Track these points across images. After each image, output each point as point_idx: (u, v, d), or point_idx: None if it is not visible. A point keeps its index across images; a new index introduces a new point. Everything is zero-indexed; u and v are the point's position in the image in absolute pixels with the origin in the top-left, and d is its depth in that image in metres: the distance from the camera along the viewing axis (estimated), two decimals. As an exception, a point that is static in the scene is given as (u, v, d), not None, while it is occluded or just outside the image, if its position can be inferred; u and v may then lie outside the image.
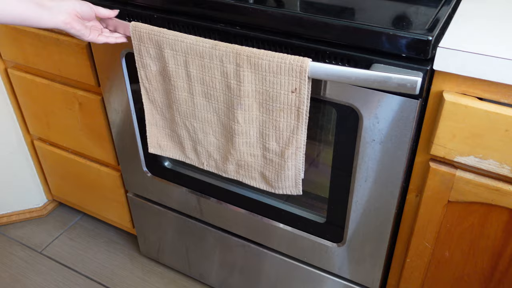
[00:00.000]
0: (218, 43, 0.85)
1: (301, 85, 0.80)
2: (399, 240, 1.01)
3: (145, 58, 0.95)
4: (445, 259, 0.95)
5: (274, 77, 0.82)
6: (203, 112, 0.96)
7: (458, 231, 0.90)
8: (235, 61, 0.84)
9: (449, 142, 0.79)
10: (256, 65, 0.82)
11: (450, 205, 0.87)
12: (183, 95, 0.96)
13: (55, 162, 1.56)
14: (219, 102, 0.92)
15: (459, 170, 0.82)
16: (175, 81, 0.94)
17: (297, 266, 1.18)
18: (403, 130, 0.82)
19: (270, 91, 0.84)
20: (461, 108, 0.75)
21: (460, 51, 0.70)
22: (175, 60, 0.91)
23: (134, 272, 1.54)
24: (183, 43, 0.88)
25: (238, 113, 0.90)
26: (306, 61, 0.78)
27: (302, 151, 0.89)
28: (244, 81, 0.85)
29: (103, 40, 0.93)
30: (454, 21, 0.79)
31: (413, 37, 0.71)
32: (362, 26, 0.75)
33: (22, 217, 1.74)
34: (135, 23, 0.93)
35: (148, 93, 1.01)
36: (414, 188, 0.91)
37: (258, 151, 0.94)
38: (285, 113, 0.85)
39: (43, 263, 1.58)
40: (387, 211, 0.94)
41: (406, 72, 0.74)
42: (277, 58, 0.80)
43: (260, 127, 0.90)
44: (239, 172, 1.00)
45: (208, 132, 0.99)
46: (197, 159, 1.06)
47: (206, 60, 0.88)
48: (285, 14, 0.81)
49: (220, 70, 0.87)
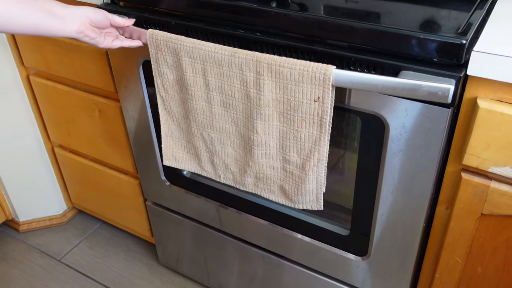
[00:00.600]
0: (237, 51, 0.83)
1: (324, 93, 0.77)
2: (427, 254, 0.96)
3: (162, 66, 0.93)
4: (477, 276, 0.90)
5: (296, 86, 0.79)
6: (221, 122, 0.94)
7: (491, 246, 0.85)
8: (255, 69, 0.81)
9: (483, 151, 0.75)
10: (277, 73, 0.79)
11: (483, 218, 0.82)
12: (200, 105, 0.93)
13: (75, 169, 1.56)
14: (238, 111, 0.90)
15: (494, 181, 0.78)
16: (193, 90, 0.92)
17: (319, 278, 1.14)
18: (433, 140, 0.78)
19: (292, 100, 0.81)
20: (497, 115, 0.71)
21: (496, 55, 0.66)
22: (193, 68, 0.89)
23: (152, 282, 1.52)
24: (201, 51, 0.86)
25: (258, 123, 0.87)
26: (330, 68, 0.75)
27: (324, 163, 0.86)
28: (265, 89, 0.82)
29: (118, 44, 0.91)
30: (489, 24, 0.75)
31: (445, 40, 0.68)
32: (391, 29, 0.72)
33: (42, 224, 1.74)
34: (152, 31, 0.91)
35: (164, 102, 0.99)
36: (445, 200, 0.87)
37: (278, 163, 0.91)
38: (307, 123, 0.82)
39: (62, 271, 1.58)
40: (415, 225, 0.89)
41: (437, 79, 0.69)
42: (299, 66, 0.77)
43: (280, 138, 0.87)
44: (258, 185, 0.97)
45: (226, 143, 0.96)
46: (213, 171, 1.03)
47: (225, 68, 0.85)
48: (309, 18, 0.78)
49: (240, 78, 0.84)
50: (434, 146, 0.79)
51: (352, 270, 1.05)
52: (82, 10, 0.83)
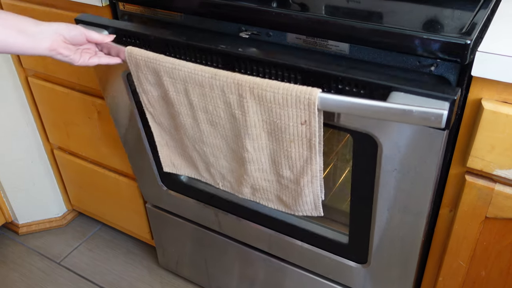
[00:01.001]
0: (217, 73, 0.78)
1: (311, 117, 0.73)
2: (430, 258, 0.95)
3: (144, 84, 0.89)
4: (481, 279, 0.89)
5: (280, 109, 0.75)
6: (210, 138, 0.90)
7: (496, 250, 0.84)
8: (237, 92, 0.78)
9: (487, 154, 0.74)
10: (260, 96, 0.75)
11: (488, 222, 0.81)
12: (188, 121, 0.90)
13: (75, 171, 1.55)
14: (225, 129, 0.86)
15: (498, 184, 0.76)
16: (178, 108, 0.88)
17: (321, 282, 1.13)
18: (428, 160, 0.75)
19: (278, 122, 0.77)
20: (502, 117, 0.69)
21: (501, 56, 0.65)
22: (175, 88, 0.85)
23: (152, 285, 1.51)
24: (181, 72, 0.82)
25: (247, 142, 0.84)
26: (314, 92, 0.70)
27: (318, 179, 0.83)
28: (249, 111, 0.79)
29: (96, 61, 0.87)
30: (493, 24, 0.74)
31: (449, 41, 0.66)
32: (393, 29, 0.70)
33: (41, 226, 1.73)
34: (130, 49, 0.86)
35: (154, 117, 0.96)
36: (448, 203, 0.85)
37: (273, 177, 0.89)
38: (296, 144, 0.79)
39: (61, 274, 1.56)
40: (414, 239, 0.88)
41: (430, 103, 0.64)
42: (282, 90, 0.73)
43: (272, 155, 0.84)
44: (255, 194, 0.95)
45: (218, 156, 0.93)
46: (212, 179, 1.01)
47: (206, 90, 0.81)
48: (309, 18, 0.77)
49: (223, 100, 0.81)
50: (430, 166, 0.76)
51: (354, 276, 1.04)
52: (55, 27, 0.80)
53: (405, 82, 0.67)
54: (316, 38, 0.80)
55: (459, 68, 0.71)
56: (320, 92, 0.71)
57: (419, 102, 0.65)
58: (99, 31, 0.90)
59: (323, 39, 0.79)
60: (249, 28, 0.86)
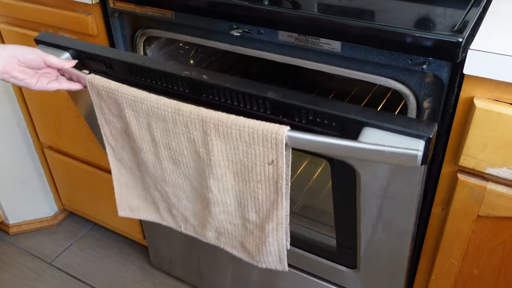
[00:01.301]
0: (181, 108, 0.73)
1: (278, 157, 0.69)
2: (423, 256, 0.95)
3: (107, 114, 0.85)
4: (474, 278, 0.89)
5: (247, 147, 0.71)
6: (173, 177, 0.85)
7: (488, 248, 0.84)
8: (202, 128, 0.73)
9: (479, 152, 0.73)
10: (226, 134, 0.71)
11: (480, 220, 0.81)
12: (150, 158, 0.84)
13: (66, 170, 1.53)
14: (189, 168, 0.81)
15: (490, 183, 0.76)
16: (140, 143, 0.83)
17: (315, 282, 1.13)
18: (408, 191, 0.73)
19: (245, 160, 0.73)
20: (494, 115, 0.69)
21: (493, 54, 0.65)
22: (138, 121, 0.79)
23: (144, 285, 1.50)
24: (143, 105, 0.76)
25: (211, 182, 0.79)
26: (282, 130, 0.66)
27: (283, 226, 0.79)
28: (214, 150, 0.74)
29: (55, 86, 0.82)
30: (485, 22, 0.74)
31: (441, 39, 0.66)
32: (385, 28, 0.70)
33: (32, 226, 1.71)
34: (92, 77, 0.81)
35: (114, 151, 0.90)
36: (440, 201, 0.85)
37: (238, 220, 0.84)
38: (263, 184, 0.74)
39: (53, 274, 1.55)
40: (400, 253, 0.88)
41: (404, 141, 0.60)
42: (247, 128, 0.69)
43: (238, 197, 0.80)
44: (220, 239, 0.90)
45: (181, 197, 0.88)
46: (173, 221, 0.95)
47: (170, 125, 0.76)
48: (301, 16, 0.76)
49: (186, 136, 0.76)
50: (410, 196, 0.74)
51: (345, 278, 1.04)
52: (10, 49, 0.77)
53: (378, 117, 0.63)
54: (308, 36, 0.79)
55: (451, 66, 0.71)
56: (288, 130, 0.66)
57: (392, 140, 0.61)
58: (60, 53, 0.86)
59: (315, 37, 0.79)
60: (240, 25, 0.85)
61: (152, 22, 0.99)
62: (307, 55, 0.83)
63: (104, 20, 1.05)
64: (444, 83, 0.73)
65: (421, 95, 0.77)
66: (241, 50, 0.90)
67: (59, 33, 1.15)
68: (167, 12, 0.92)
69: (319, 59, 0.83)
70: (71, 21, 1.09)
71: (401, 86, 0.77)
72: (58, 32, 1.15)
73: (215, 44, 0.92)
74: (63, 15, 1.09)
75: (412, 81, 0.76)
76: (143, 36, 1.03)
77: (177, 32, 0.96)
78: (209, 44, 0.93)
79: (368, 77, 0.80)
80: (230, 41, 0.90)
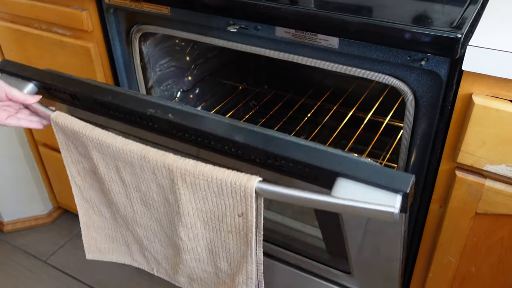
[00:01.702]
0: (147, 154, 0.69)
1: (247, 210, 0.65)
2: (420, 254, 0.95)
3: (74, 154, 0.81)
4: (471, 275, 0.89)
5: (216, 198, 0.67)
6: (144, 219, 0.81)
7: (486, 245, 0.83)
8: (169, 177, 0.69)
9: (478, 149, 0.73)
10: (193, 184, 0.67)
11: (478, 217, 0.81)
12: (120, 199, 0.80)
13: (60, 168, 1.52)
14: (159, 212, 0.77)
15: (489, 180, 0.76)
16: (110, 185, 0.79)
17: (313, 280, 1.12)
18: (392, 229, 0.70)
19: (215, 210, 0.69)
20: (492, 112, 0.69)
21: (492, 50, 0.64)
22: (106, 162, 0.76)
23: (141, 284, 1.49)
24: (109, 148, 0.73)
25: (181, 230, 0.75)
26: (251, 182, 0.62)
27: (253, 281, 0.75)
28: (182, 199, 0.70)
29: (13, 123, 0.78)
30: (484, 18, 0.73)
31: (440, 34, 0.66)
32: (384, 23, 0.69)
33: (27, 224, 1.70)
34: (56, 115, 0.77)
35: (82, 191, 0.86)
36: (438, 199, 0.85)
37: (210, 268, 0.80)
38: (234, 236, 0.71)
39: (47, 273, 1.54)
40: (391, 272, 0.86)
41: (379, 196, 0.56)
42: (216, 180, 0.64)
43: (209, 245, 0.76)
44: (192, 285, 0.86)
45: (153, 240, 0.84)
46: (146, 263, 0.91)
47: (137, 170, 0.72)
48: (298, 11, 0.75)
49: (155, 182, 0.72)
50: (394, 233, 0.71)
51: (341, 278, 1.04)
52: None
53: (353, 168, 0.58)
54: (305, 32, 0.78)
55: (449, 62, 0.70)
56: (258, 181, 0.62)
57: (368, 193, 0.56)
58: (22, 84, 0.81)
59: (313, 33, 0.78)
60: (237, 21, 0.84)
61: (148, 18, 0.98)
62: (305, 51, 0.83)
63: (99, 15, 1.04)
64: (442, 80, 0.72)
65: (419, 92, 0.76)
66: (237, 47, 0.89)
67: (53, 29, 1.14)
68: (163, 8, 0.91)
69: (316, 55, 0.82)
70: (65, 16, 1.08)
71: (399, 82, 0.77)
72: (52, 28, 1.14)
73: (212, 41, 0.92)
74: (58, 10, 1.08)
75: (411, 78, 0.76)
76: (139, 32, 1.02)
77: (173, 28, 0.95)
78: (205, 40, 0.93)
79: (366, 74, 0.79)
80: (227, 37, 0.89)
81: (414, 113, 0.78)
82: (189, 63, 1.31)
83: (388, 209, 0.55)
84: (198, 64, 1.34)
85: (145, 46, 1.09)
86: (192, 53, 1.30)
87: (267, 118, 1.32)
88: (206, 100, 1.40)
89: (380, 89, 1.32)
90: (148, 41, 1.10)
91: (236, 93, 1.49)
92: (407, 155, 0.84)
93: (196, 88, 1.36)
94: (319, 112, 1.38)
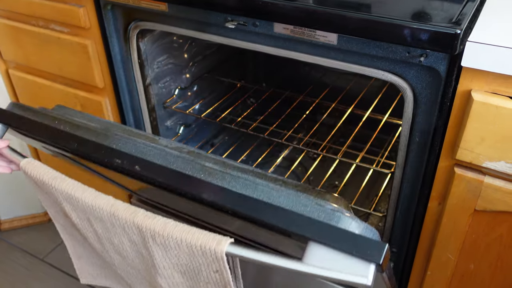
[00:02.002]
0: (116, 212, 0.68)
1: (221, 269, 0.64)
2: (419, 251, 0.94)
3: (47, 200, 0.79)
4: (470, 272, 0.89)
5: (189, 257, 0.65)
6: (122, 266, 0.80)
7: (485, 243, 0.83)
8: (140, 235, 0.67)
9: (477, 146, 0.73)
10: (164, 244, 0.65)
11: (477, 214, 0.80)
12: (97, 246, 0.79)
13: (58, 166, 1.51)
14: (135, 263, 0.75)
15: (488, 177, 0.76)
16: (84, 233, 0.77)
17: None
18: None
19: (190, 265, 0.67)
20: (492, 108, 0.68)
21: (491, 46, 0.64)
22: (77, 214, 0.74)
23: (138, 281, 1.49)
24: (79, 203, 0.71)
25: (159, 279, 0.73)
26: (221, 246, 0.60)
27: None
28: (155, 256, 0.68)
29: None
30: (483, 14, 0.73)
31: (439, 30, 0.65)
32: (383, 19, 0.69)
33: (24, 222, 1.69)
34: (26, 163, 0.76)
35: (65, 228, 0.86)
36: (437, 196, 0.84)
37: None
38: (213, 286, 0.69)
39: (45, 271, 1.53)
40: None
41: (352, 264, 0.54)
42: (185, 242, 0.62)
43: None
44: None
45: (134, 282, 0.83)
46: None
47: (108, 225, 0.71)
48: (298, 7, 0.75)
49: (127, 237, 0.70)
50: None
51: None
52: None
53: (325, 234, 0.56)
54: (304, 28, 0.78)
55: (448, 58, 0.70)
56: (229, 243, 0.60)
57: (340, 261, 0.55)
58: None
59: (311, 29, 0.77)
60: (235, 17, 0.84)
61: (145, 15, 0.98)
62: (303, 48, 0.82)
63: (97, 12, 1.03)
64: (441, 76, 0.72)
65: (418, 88, 0.76)
66: (236, 43, 0.89)
67: (51, 26, 1.13)
68: (161, 4, 0.91)
69: (315, 52, 0.82)
70: (62, 13, 1.07)
71: (398, 79, 0.77)
72: (49, 25, 1.13)
73: (210, 37, 0.91)
74: (55, 7, 1.07)
75: (409, 74, 0.75)
76: (136, 29, 1.02)
77: (171, 25, 0.95)
78: (203, 37, 0.92)
79: (365, 70, 0.79)
80: (225, 34, 0.89)
81: (413, 110, 0.78)
82: (187, 60, 1.31)
83: (360, 280, 0.53)
84: (196, 61, 1.34)
85: (143, 43, 1.09)
86: (190, 50, 1.30)
87: (265, 115, 1.31)
88: (204, 97, 1.40)
89: (378, 86, 1.32)
90: (146, 38, 1.09)
91: (234, 90, 1.49)
92: (406, 152, 0.83)
93: (194, 86, 1.36)
94: (318, 110, 1.37)
